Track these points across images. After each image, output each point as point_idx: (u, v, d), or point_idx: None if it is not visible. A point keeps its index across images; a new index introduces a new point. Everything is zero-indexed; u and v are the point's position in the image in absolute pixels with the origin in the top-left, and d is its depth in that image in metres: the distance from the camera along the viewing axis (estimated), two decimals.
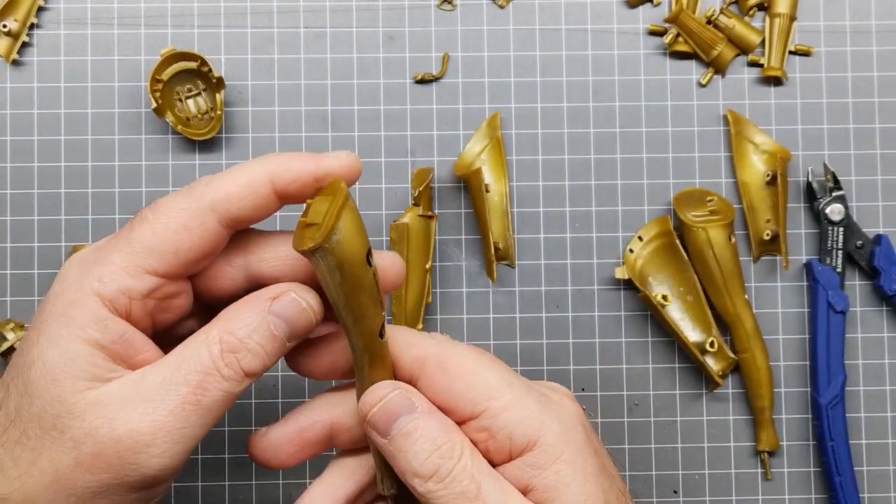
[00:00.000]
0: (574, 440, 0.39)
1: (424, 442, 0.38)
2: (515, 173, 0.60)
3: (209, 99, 0.59)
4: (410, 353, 0.40)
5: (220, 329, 0.38)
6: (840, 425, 0.57)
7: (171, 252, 0.38)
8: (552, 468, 0.38)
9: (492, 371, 0.39)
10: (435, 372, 0.39)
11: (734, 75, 0.61)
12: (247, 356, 0.38)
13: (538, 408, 0.39)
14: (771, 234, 0.58)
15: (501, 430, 0.38)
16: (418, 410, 0.39)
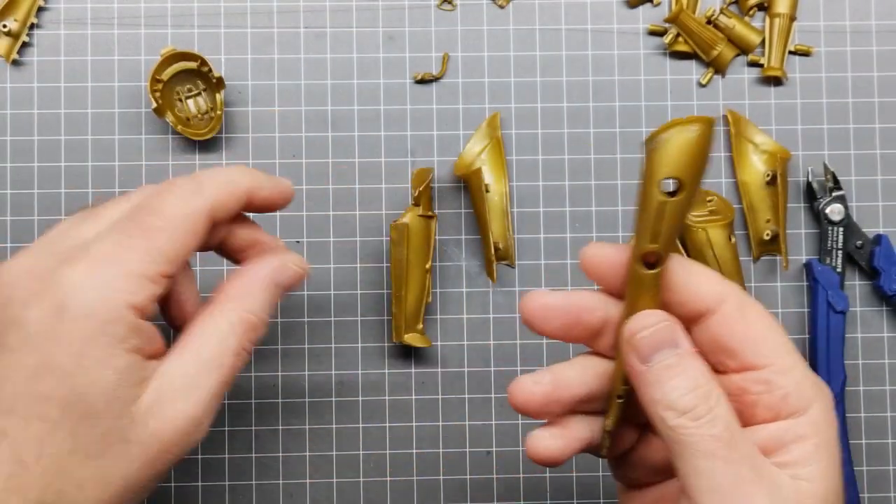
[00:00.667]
0: (833, 424, 0.39)
1: (686, 379, 0.38)
2: (515, 173, 0.60)
3: (209, 99, 0.59)
4: (712, 287, 0.39)
5: (238, 310, 0.44)
6: (840, 425, 0.57)
7: (183, 255, 0.43)
8: (812, 441, 0.38)
9: (782, 333, 0.40)
10: (734, 314, 0.39)
11: (734, 75, 0.61)
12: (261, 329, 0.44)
13: (816, 381, 0.39)
14: (771, 234, 0.58)
15: (781, 388, 0.38)
16: (684, 347, 0.38)
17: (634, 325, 0.39)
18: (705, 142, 0.37)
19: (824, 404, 0.39)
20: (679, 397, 0.37)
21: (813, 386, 0.39)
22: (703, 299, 0.39)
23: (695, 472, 0.37)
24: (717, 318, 0.39)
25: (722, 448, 0.37)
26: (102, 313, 0.39)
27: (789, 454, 0.38)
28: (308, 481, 0.58)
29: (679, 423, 0.37)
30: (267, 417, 0.58)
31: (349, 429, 0.59)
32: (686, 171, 0.37)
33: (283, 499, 0.58)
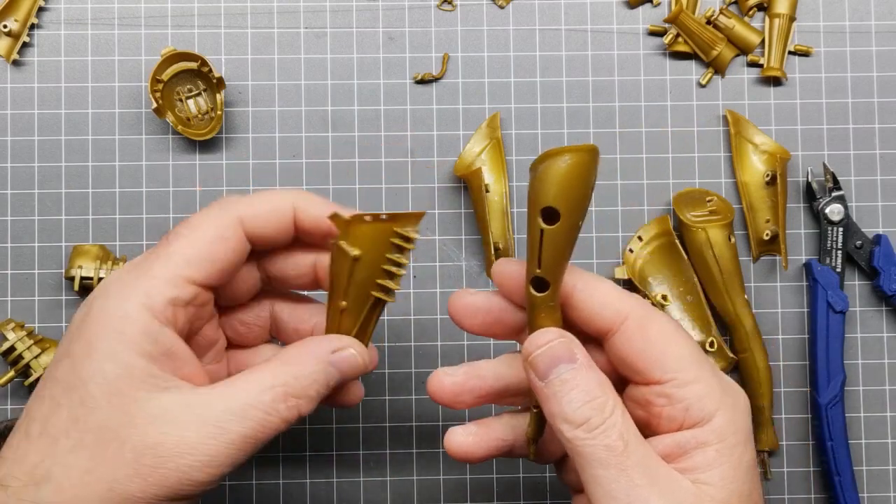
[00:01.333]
0: (740, 430, 0.41)
1: (579, 392, 0.40)
2: (515, 173, 0.60)
3: (209, 99, 0.59)
4: (614, 306, 0.41)
5: (285, 373, 0.41)
6: (839, 425, 0.58)
7: (209, 261, 0.42)
8: (713, 447, 0.40)
9: (686, 344, 0.41)
10: (635, 332, 0.41)
11: (734, 75, 0.61)
12: (305, 403, 0.42)
13: (719, 390, 0.41)
14: (770, 235, 0.58)
15: (682, 400, 0.40)
16: (578, 362, 0.40)
17: (530, 345, 0.41)
18: (581, 171, 0.38)
19: (729, 413, 0.40)
20: (574, 410, 0.39)
21: (718, 395, 0.40)
22: (605, 318, 0.41)
23: (593, 481, 0.39)
24: (620, 336, 0.41)
25: (615, 457, 0.38)
26: (117, 311, 0.40)
27: (691, 460, 0.40)
28: (308, 481, 0.58)
29: (575, 434, 0.39)
30: None
31: (349, 429, 0.59)
32: (562, 200, 0.38)
33: (283, 499, 0.58)
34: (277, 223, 0.43)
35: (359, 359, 0.43)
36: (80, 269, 0.56)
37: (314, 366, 0.42)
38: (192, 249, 0.41)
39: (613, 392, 0.40)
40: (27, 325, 0.58)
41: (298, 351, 0.43)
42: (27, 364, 0.56)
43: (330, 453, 0.58)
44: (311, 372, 0.42)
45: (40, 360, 0.56)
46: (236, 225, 0.42)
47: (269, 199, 0.43)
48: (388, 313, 0.59)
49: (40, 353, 0.56)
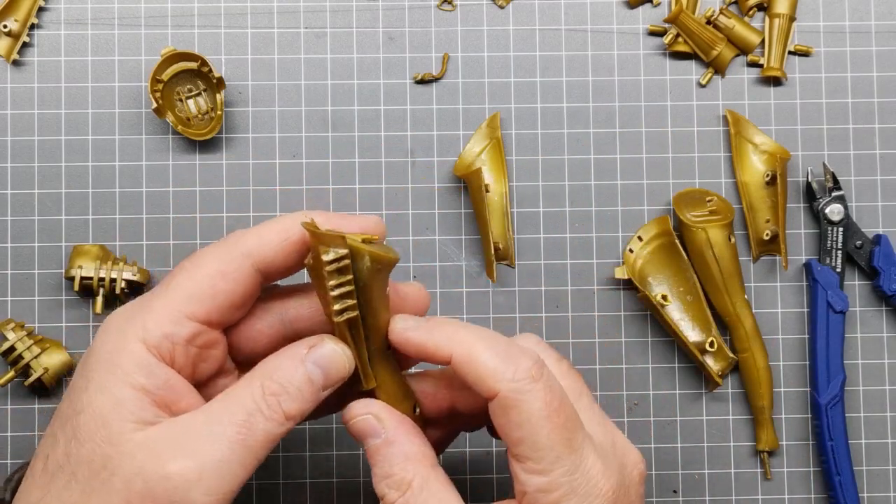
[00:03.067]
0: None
1: (379, 468, 0.41)
2: (515, 173, 0.60)
3: (209, 99, 0.59)
4: (486, 383, 0.41)
5: (261, 375, 0.40)
6: (839, 425, 0.58)
7: (209, 297, 0.41)
8: None
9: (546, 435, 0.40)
10: (498, 411, 0.41)
11: (734, 75, 0.61)
12: (287, 399, 0.40)
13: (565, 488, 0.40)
14: (770, 235, 0.58)
15: (521, 484, 0.41)
16: (382, 438, 0.42)
17: (344, 413, 0.43)
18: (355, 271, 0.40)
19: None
20: (375, 484, 0.41)
21: (563, 493, 0.40)
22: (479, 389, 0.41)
23: None
24: (490, 406, 0.41)
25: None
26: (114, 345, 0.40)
27: None
28: (308, 481, 0.58)
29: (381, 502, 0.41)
30: None
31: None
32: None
33: (283, 499, 0.58)
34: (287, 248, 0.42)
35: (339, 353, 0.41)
36: (80, 269, 0.56)
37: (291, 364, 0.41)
38: (193, 285, 0.41)
39: (419, 467, 0.41)
40: (27, 325, 0.58)
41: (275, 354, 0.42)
42: (27, 364, 0.56)
43: (329, 453, 0.58)
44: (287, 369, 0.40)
45: (40, 360, 0.56)
46: (241, 259, 0.41)
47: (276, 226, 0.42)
48: None
49: (40, 353, 0.56)
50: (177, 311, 0.40)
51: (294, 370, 0.40)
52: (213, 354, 0.43)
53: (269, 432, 0.40)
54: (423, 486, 0.41)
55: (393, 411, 0.42)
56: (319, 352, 0.41)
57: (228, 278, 0.41)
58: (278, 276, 0.43)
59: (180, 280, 0.41)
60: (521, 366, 0.40)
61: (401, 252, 0.59)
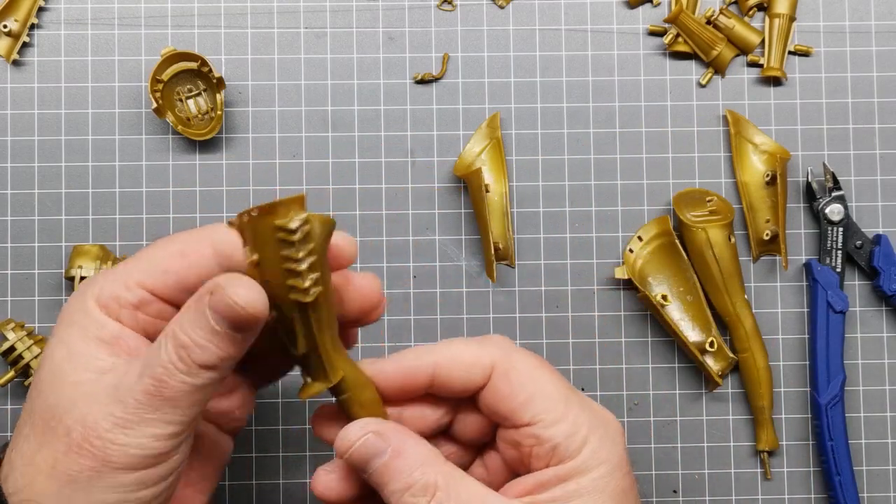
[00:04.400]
0: (606, 461, 0.42)
1: (397, 482, 0.41)
2: (515, 173, 0.60)
3: (209, 99, 0.59)
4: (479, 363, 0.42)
5: (172, 326, 0.40)
6: (839, 425, 0.58)
7: (161, 271, 0.41)
8: (577, 480, 0.41)
9: (550, 382, 0.42)
10: (500, 380, 0.42)
11: (734, 75, 0.61)
12: (195, 350, 0.39)
13: (587, 424, 0.42)
14: (770, 235, 0.58)
15: (549, 440, 0.41)
16: (388, 452, 0.41)
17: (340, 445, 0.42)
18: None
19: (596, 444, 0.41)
20: (397, 500, 0.41)
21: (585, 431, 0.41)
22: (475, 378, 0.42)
23: None
24: (487, 391, 0.42)
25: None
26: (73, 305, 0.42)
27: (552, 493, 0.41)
28: (308, 481, 0.58)
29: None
30: (266, 417, 0.58)
31: None
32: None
33: (283, 499, 0.58)
34: None
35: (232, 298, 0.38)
36: (80, 269, 0.56)
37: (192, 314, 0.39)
38: (151, 256, 0.42)
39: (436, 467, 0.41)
40: (27, 325, 0.58)
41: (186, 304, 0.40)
42: (27, 364, 0.56)
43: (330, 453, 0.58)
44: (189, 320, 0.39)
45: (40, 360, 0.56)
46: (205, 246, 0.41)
47: None
48: (388, 313, 0.59)
49: (40, 353, 0.56)
50: (128, 278, 0.41)
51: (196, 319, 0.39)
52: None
53: (185, 382, 0.39)
54: (449, 483, 0.41)
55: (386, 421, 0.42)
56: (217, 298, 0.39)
57: (185, 260, 0.41)
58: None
59: (144, 251, 0.42)
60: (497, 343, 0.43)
61: (401, 252, 0.59)
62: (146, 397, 0.39)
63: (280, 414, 0.58)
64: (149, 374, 0.39)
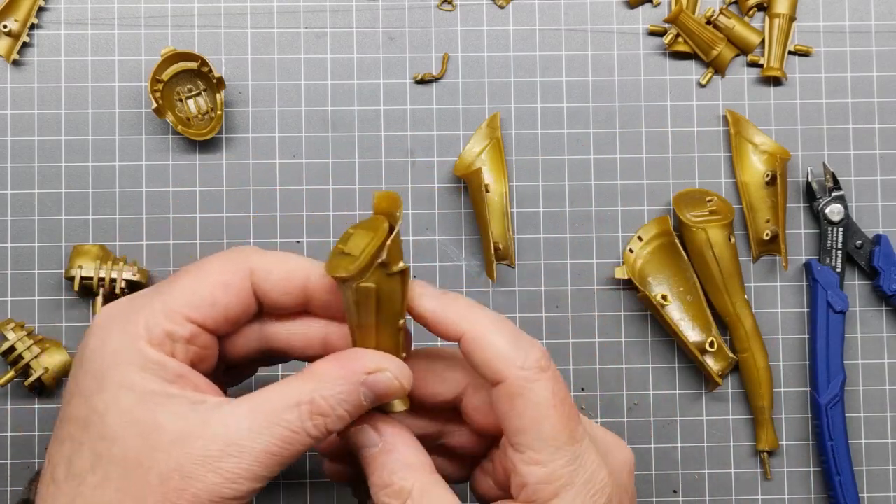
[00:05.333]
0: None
1: (377, 477, 0.41)
2: (515, 173, 0.60)
3: (209, 99, 0.59)
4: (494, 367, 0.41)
5: (312, 390, 0.39)
6: (839, 425, 0.58)
7: (209, 304, 0.40)
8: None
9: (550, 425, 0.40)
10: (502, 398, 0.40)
11: (734, 75, 0.61)
12: (334, 420, 0.40)
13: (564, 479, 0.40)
14: (770, 235, 0.58)
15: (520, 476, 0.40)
16: (379, 447, 0.41)
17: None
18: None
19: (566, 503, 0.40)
20: (375, 493, 0.41)
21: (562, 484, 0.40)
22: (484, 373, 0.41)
23: None
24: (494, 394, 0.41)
25: None
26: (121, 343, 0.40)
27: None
28: (308, 481, 0.58)
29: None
30: None
31: None
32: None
33: (283, 499, 0.58)
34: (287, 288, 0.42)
35: (395, 382, 0.40)
36: (80, 269, 0.56)
37: (345, 385, 0.40)
38: (195, 290, 0.41)
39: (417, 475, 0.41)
40: (27, 325, 0.58)
41: (329, 366, 0.40)
42: (27, 364, 0.56)
43: None
44: (340, 391, 0.39)
45: (40, 360, 0.56)
46: (244, 275, 0.41)
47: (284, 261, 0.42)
48: None
49: (40, 352, 0.56)
50: (177, 313, 0.40)
51: (347, 392, 0.40)
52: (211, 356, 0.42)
53: (307, 445, 0.39)
54: (423, 494, 0.40)
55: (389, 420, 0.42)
56: (379, 378, 0.40)
57: (230, 290, 0.41)
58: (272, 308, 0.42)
59: (185, 282, 0.41)
60: (531, 355, 0.40)
61: None
62: (266, 457, 0.38)
63: None
64: (274, 435, 0.38)
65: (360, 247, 0.39)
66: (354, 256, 0.39)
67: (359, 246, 0.40)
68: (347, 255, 0.39)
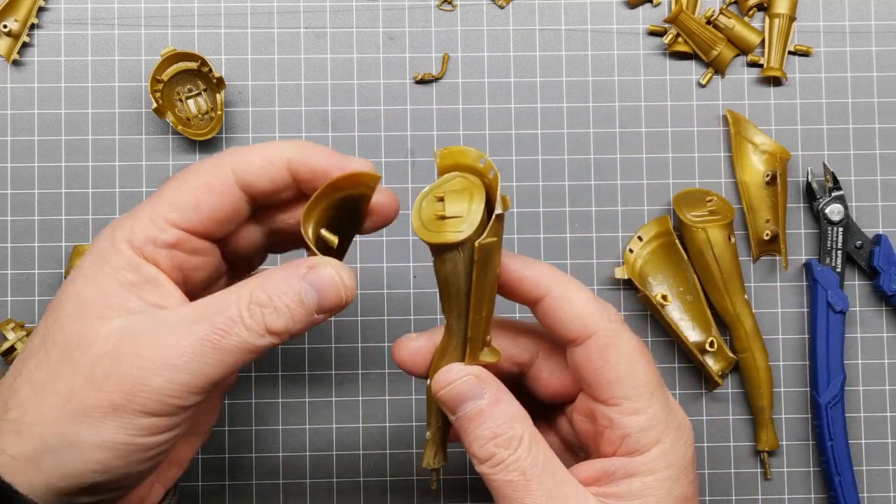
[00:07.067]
0: (674, 464, 0.42)
1: (485, 429, 0.41)
2: (515, 173, 0.60)
3: (209, 99, 0.59)
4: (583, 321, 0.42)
5: (253, 284, 0.40)
6: (839, 425, 0.58)
7: (192, 207, 0.41)
8: (641, 479, 0.41)
9: (645, 372, 0.42)
10: (596, 350, 0.42)
11: (734, 75, 0.61)
12: (272, 313, 0.39)
13: (664, 423, 0.42)
14: (770, 235, 0.58)
15: (622, 427, 0.41)
16: (485, 398, 0.41)
17: (436, 383, 0.42)
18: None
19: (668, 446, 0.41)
20: (480, 448, 0.41)
21: (660, 429, 0.41)
22: (571, 332, 0.42)
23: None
24: (582, 349, 0.42)
25: (516, 492, 0.40)
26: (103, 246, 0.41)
27: (617, 488, 0.41)
28: (308, 481, 0.58)
29: (482, 470, 0.41)
30: (267, 417, 0.58)
31: (349, 428, 0.59)
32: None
33: (283, 499, 0.58)
34: (272, 175, 0.42)
35: (336, 278, 0.40)
36: None
37: (285, 279, 0.40)
38: (178, 194, 0.41)
39: (524, 424, 0.41)
40: (27, 325, 0.58)
41: (274, 268, 0.41)
42: None
43: (329, 453, 0.58)
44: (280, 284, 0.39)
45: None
46: (226, 175, 0.41)
47: (262, 150, 0.42)
48: (388, 313, 0.59)
49: None
50: (160, 218, 0.41)
51: (287, 286, 0.39)
52: (206, 261, 0.43)
53: (245, 340, 0.39)
54: (533, 442, 0.41)
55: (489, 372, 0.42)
56: (319, 273, 0.40)
57: (213, 192, 0.41)
58: (264, 198, 0.43)
59: (167, 190, 0.41)
60: (611, 311, 0.42)
61: (401, 252, 0.59)
62: (201, 344, 0.38)
63: (280, 415, 0.58)
64: (211, 323, 0.38)
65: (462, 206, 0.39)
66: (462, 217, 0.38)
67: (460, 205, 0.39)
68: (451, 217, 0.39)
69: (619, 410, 0.41)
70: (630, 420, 0.41)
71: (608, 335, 0.42)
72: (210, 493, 0.58)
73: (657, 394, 0.42)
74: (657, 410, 0.41)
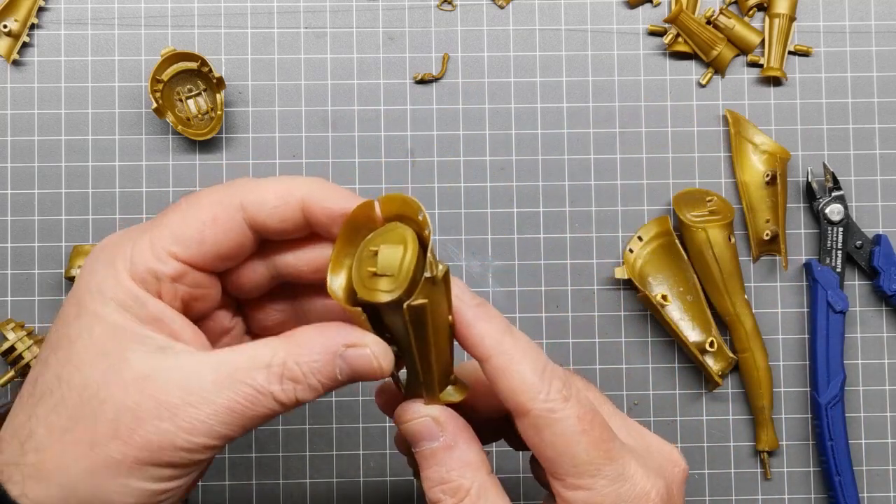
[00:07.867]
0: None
1: (434, 472, 0.40)
2: (515, 173, 0.60)
3: (209, 99, 0.59)
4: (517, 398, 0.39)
5: (287, 354, 0.38)
6: (839, 425, 0.58)
7: (196, 241, 0.39)
8: None
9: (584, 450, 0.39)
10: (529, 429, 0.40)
11: (734, 75, 0.61)
12: (304, 390, 0.39)
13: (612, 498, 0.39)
14: (770, 235, 0.58)
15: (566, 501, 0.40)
16: (440, 441, 0.40)
17: (396, 418, 0.41)
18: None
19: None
20: (428, 489, 0.40)
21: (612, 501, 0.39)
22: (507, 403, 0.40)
23: None
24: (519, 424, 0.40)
25: None
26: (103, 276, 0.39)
27: None
28: (308, 481, 0.58)
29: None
30: None
31: (349, 429, 0.59)
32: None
33: (283, 499, 0.58)
34: (284, 214, 0.40)
35: (374, 361, 0.39)
36: (80, 269, 0.56)
37: (322, 354, 0.38)
38: (183, 226, 0.39)
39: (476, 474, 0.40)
40: (27, 325, 0.58)
41: (310, 333, 0.39)
42: (27, 364, 0.56)
43: (329, 453, 0.58)
44: (316, 359, 0.38)
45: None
46: (235, 210, 0.39)
47: (275, 186, 0.40)
48: None
49: None
50: (161, 249, 0.39)
51: (323, 363, 0.38)
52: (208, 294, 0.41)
53: (273, 410, 0.38)
54: (481, 494, 0.40)
55: (452, 414, 0.41)
56: (358, 353, 0.39)
57: (218, 226, 0.39)
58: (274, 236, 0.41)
59: (172, 218, 0.40)
60: (553, 385, 0.39)
61: None
62: (226, 413, 0.38)
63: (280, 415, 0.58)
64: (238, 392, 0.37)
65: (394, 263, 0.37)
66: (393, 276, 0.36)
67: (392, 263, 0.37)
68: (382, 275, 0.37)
69: (562, 484, 0.40)
70: (574, 495, 0.40)
71: (542, 415, 0.39)
72: (210, 493, 0.58)
73: (602, 470, 0.39)
74: (602, 486, 0.39)
